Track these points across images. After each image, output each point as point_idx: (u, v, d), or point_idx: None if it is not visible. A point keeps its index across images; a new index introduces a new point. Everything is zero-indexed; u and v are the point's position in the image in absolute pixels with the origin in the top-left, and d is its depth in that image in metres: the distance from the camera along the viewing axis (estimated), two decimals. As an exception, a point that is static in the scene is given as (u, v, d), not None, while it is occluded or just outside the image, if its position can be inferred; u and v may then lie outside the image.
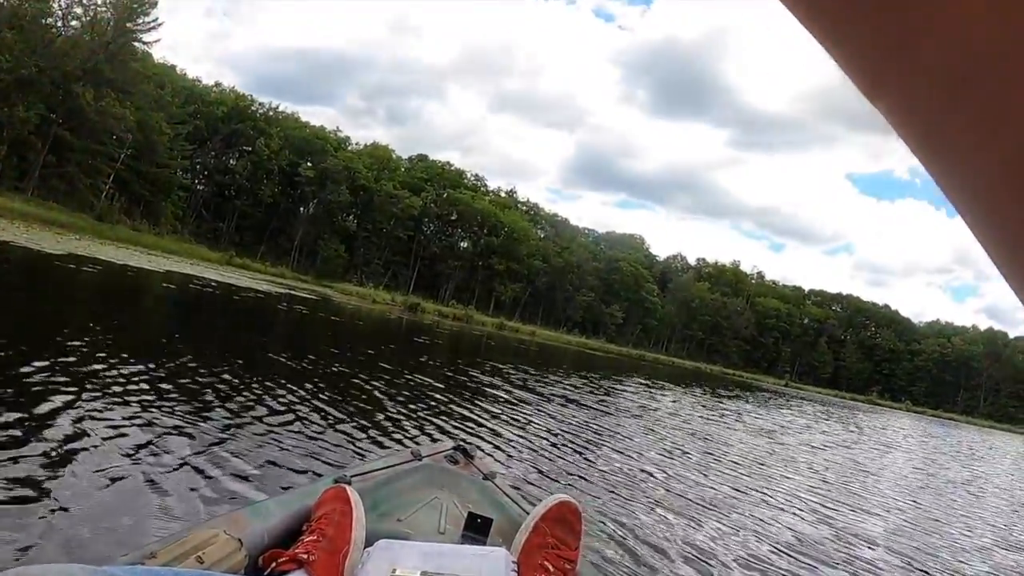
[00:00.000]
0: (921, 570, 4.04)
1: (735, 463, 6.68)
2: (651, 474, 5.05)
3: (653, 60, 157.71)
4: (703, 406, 14.25)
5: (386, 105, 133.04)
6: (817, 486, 6.38)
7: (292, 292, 25.16)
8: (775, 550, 3.65)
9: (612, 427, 7.23)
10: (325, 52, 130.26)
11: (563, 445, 5.37)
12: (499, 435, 5.19)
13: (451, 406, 6.03)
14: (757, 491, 5.35)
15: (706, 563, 3.13)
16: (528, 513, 1.46)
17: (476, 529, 1.47)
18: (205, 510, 2.30)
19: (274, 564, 1.14)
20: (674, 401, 13.72)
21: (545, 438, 5.54)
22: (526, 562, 1.28)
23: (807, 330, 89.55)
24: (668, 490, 4.59)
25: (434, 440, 4.28)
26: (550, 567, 1.26)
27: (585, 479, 4.33)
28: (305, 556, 1.15)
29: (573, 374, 15.33)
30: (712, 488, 5.04)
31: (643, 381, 18.78)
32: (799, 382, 78.20)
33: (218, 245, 48.17)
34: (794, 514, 4.77)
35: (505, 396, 7.83)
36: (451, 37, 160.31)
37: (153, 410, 3.43)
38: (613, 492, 4.12)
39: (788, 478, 6.45)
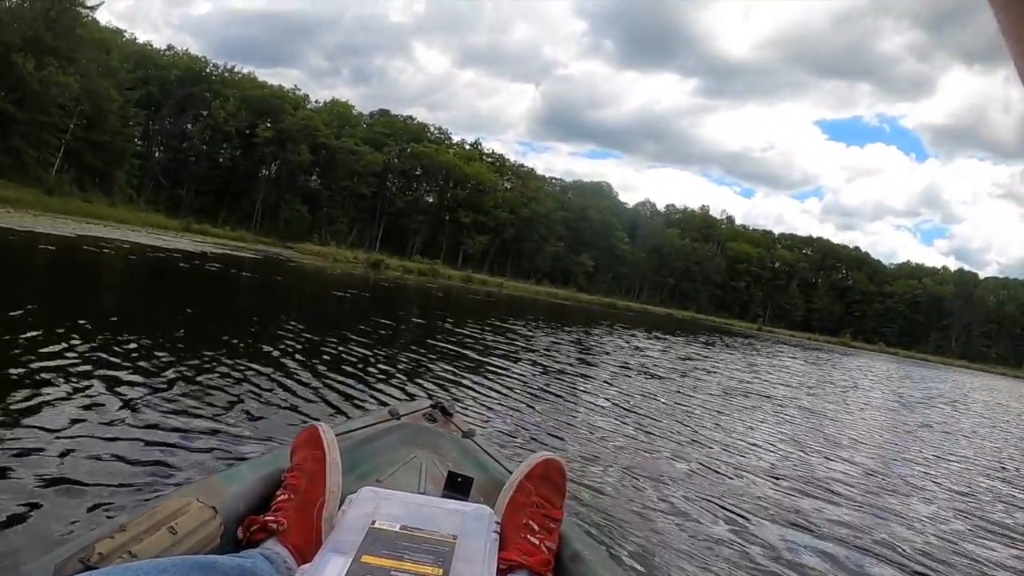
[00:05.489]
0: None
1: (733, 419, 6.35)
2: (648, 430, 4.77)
3: (620, 10, 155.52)
4: (697, 353, 14.18)
5: (351, 65, 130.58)
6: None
7: (233, 253, 24.37)
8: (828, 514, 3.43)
9: (588, 376, 7.08)
10: (288, 13, 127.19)
11: (534, 403, 5.00)
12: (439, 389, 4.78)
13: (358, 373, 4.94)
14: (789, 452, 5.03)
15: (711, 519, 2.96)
16: (509, 471, 1.46)
17: (457, 488, 1.43)
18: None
19: (249, 532, 1.15)
20: (662, 350, 13.40)
21: (509, 395, 5.10)
22: (510, 521, 1.27)
23: (778, 274, 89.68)
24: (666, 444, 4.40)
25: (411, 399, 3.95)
26: (534, 526, 1.26)
27: (561, 435, 4.14)
28: (275, 525, 1.14)
29: (542, 325, 14.85)
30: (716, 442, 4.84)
31: (620, 329, 18.47)
32: (771, 325, 77.87)
33: (178, 212, 47.68)
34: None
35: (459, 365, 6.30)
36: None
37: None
38: (596, 448, 3.97)
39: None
